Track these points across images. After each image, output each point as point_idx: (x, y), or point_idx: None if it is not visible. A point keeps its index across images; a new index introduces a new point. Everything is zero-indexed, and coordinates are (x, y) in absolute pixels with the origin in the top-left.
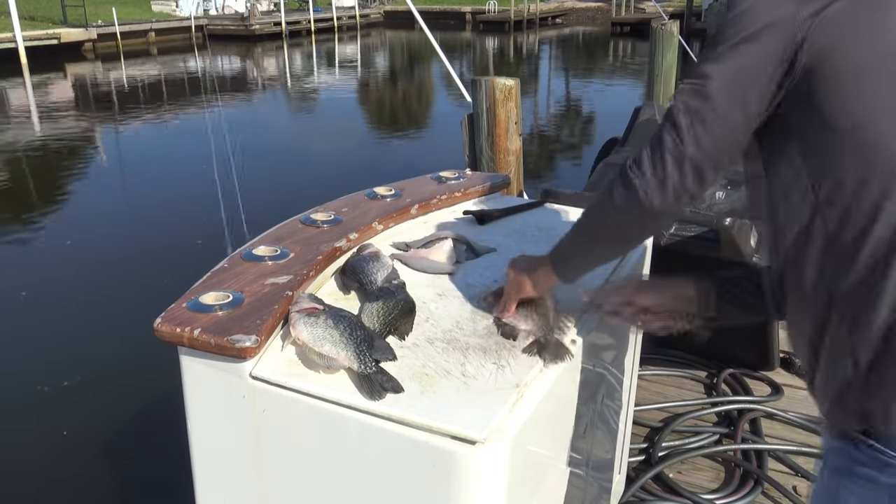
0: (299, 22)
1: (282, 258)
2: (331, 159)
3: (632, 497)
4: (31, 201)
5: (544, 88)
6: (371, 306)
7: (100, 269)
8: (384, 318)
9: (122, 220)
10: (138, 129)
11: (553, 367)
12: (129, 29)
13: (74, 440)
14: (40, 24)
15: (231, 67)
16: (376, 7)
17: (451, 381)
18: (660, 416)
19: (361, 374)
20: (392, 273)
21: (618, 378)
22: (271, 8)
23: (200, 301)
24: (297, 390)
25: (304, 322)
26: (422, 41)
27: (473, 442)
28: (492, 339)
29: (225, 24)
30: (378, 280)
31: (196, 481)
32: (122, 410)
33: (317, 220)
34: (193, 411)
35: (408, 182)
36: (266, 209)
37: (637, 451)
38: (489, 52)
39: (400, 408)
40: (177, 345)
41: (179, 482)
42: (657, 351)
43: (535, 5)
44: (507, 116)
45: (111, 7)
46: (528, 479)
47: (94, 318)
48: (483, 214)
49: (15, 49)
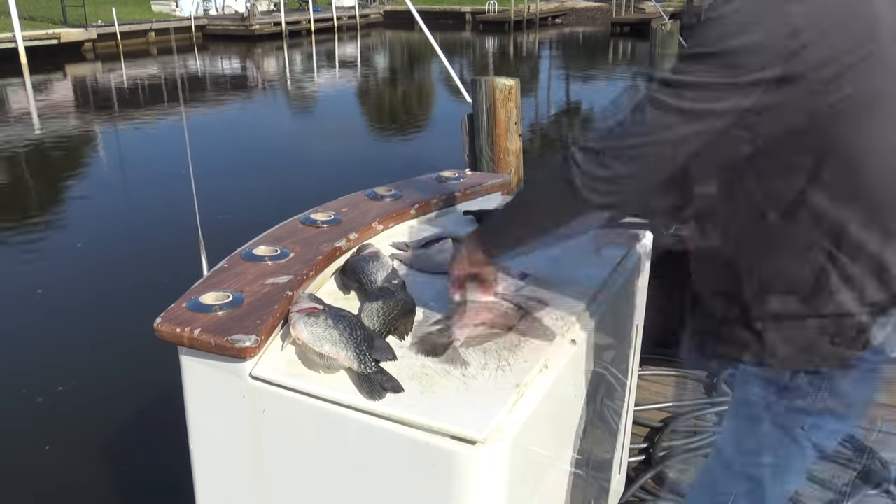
0: (299, 22)
1: (282, 258)
2: (331, 159)
3: (632, 497)
4: (30, 201)
5: (544, 88)
6: (371, 306)
7: (100, 268)
8: (384, 318)
9: (123, 219)
10: (138, 129)
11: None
12: (129, 29)
13: (74, 440)
14: (40, 24)
15: (231, 67)
16: (376, 7)
17: (451, 381)
18: (660, 416)
19: (361, 374)
20: (392, 273)
21: (618, 378)
22: (271, 8)
23: (200, 301)
24: (297, 390)
25: (304, 322)
26: (422, 41)
27: (473, 442)
28: (492, 340)
29: (225, 24)
30: (378, 280)
31: (196, 481)
32: (122, 410)
33: (317, 220)
34: (193, 411)
35: (408, 182)
36: (266, 209)
37: (637, 451)
38: (489, 52)
39: (400, 408)
40: (177, 345)
41: (179, 482)
42: (657, 351)
43: (535, 5)
44: (507, 116)
45: (111, 7)
46: (528, 479)
47: (94, 318)
48: (483, 214)
49: (15, 49)
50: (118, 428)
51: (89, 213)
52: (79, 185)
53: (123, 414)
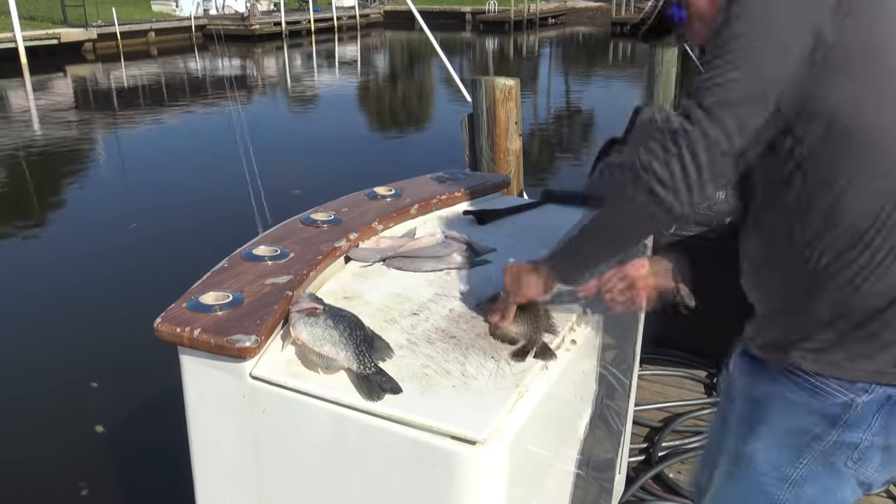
0: (299, 22)
1: (282, 258)
2: (331, 159)
3: (632, 497)
4: (30, 202)
5: (544, 88)
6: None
7: (100, 268)
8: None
9: (122, 219)
10: (138, 129)
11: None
12: (129, 29)
13: (74, 440)
14: (40, 24)
15: (231, 67)
16: (376, 7)
17: (451, 381)
18: (660, 416)
19: (360, 374)
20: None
21: (618, 378)
22: (271, 8)
23: (200, 301)
24: (297, 390)
25: (303, 322)
26: (422, 41)
27: (473, 442)
28: (492, 340)
29: (225, 24)
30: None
31: (196, 481)
32: (122, 410)
33: (317, 220)
34: (193, 411)
35: (408, 182)
36: (265, 209)
37: (637, 451)
38: (489, 52)
39: (400, 408)
40: (177, 345)
41: (179, 482)
42: (657, 351)
43: (535, 5)
44: (507, 116)
45: (111, 7)
46: (528, 479)
47: (94, 317)
48: (483, 214)
49: (15, 49)
50: (118, 427)
51: (89, 212)
52: (78, 185)
53: (124, 413)
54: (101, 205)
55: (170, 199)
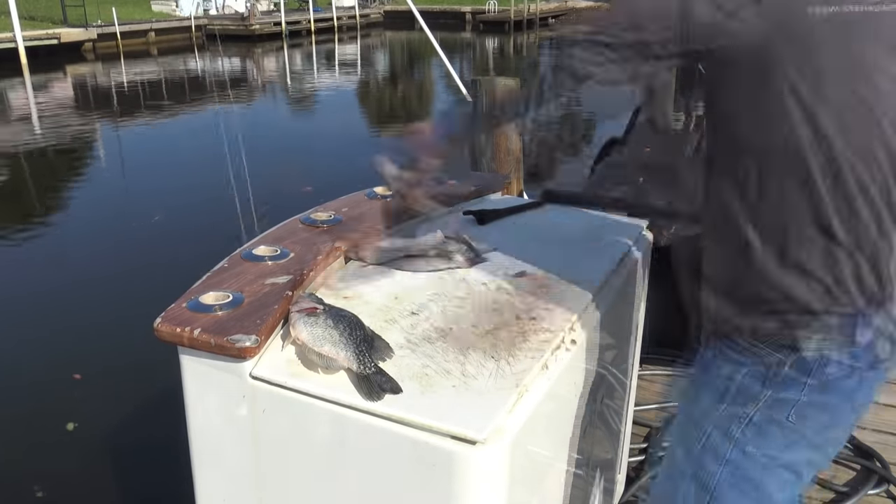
0: (299, 22)
1: (282, 258)
2: (331, 159)
3: (632, 497)
4: (30, 201)
5: None
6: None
7: (100, 268)
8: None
9: (122, 219)
10: (139, 129)
11: (553, 365)
12: (129, 29)
13: (74, 440)
14: (40, 24)
15: (231, 67)
16: (376, 7)
17: (450, 381)
18: (660, 416)
19: (360, 374)
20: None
21: (618, 378)
22: (271, 8)
23: (200, 301)
24: (297, 390)
25: (303, 322)
26: (422, 41)
27: (473, 442)
28: (492, 339)
29: (225, 24)
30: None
31: (196, 481)
32: (122, 410)
33: (317, 220)
34: (193, 411)
35: None
36: (265, 209)
37: (637, 451)
38: (489, 52)
39: (400, 408)
40: (177, 345)
41: (179, 482)
42: (657, 351)
43: (535, 5)
44: None
45: (111, 7)
46: (528, 479)
47: (94, 317)
48: (483, 214)
49: (15, 49)
50: (118, 427)
51: (89, 212)
52: (78, 185)
53: (123, 413)
54: (101, 204)
55: (169, 199)
